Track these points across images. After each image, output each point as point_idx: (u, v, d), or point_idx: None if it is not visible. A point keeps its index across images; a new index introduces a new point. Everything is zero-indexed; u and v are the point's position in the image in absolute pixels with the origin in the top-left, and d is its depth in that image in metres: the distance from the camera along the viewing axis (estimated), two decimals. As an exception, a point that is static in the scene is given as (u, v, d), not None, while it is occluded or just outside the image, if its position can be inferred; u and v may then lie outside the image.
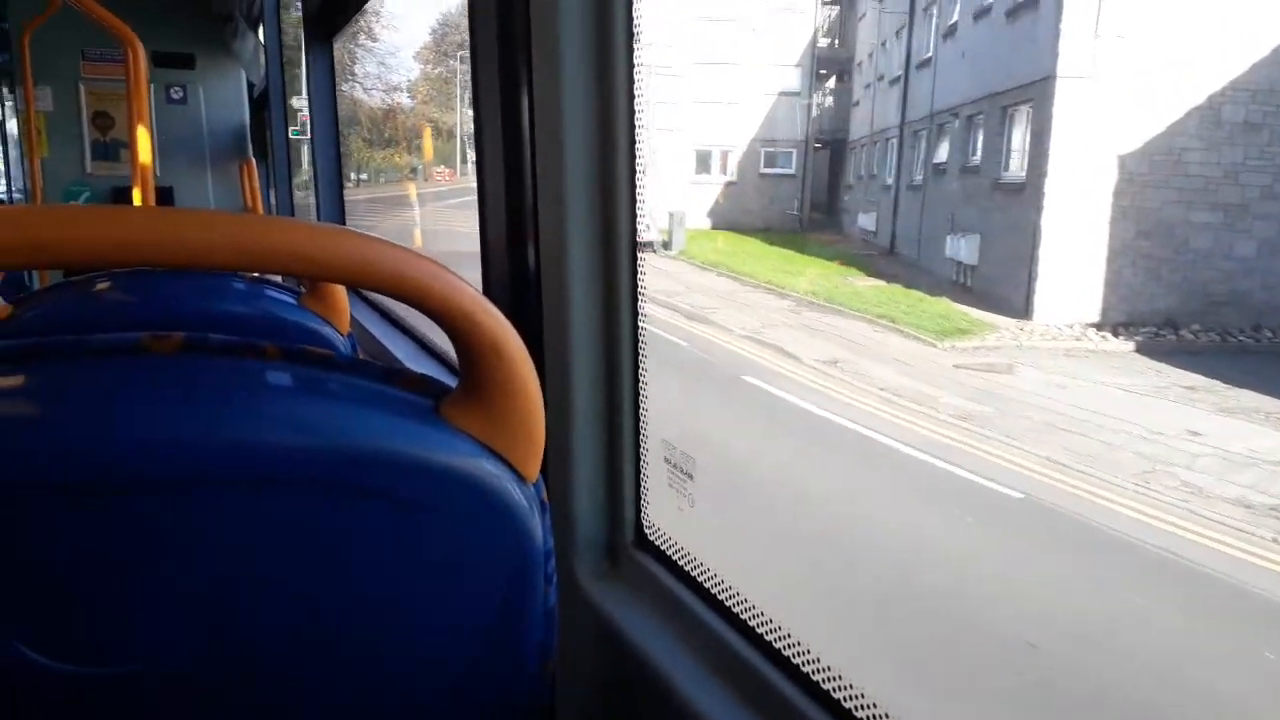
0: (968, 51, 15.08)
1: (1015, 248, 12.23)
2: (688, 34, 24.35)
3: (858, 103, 24.63)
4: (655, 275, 14.10)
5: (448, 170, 27.60)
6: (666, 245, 20.21)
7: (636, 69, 1.13)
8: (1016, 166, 12.89)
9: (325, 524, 0.66)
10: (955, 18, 15.62)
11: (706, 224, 22.99)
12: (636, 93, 1.14)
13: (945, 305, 12.85)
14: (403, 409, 0.69)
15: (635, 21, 1.12)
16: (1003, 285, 12.47)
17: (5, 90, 7.50)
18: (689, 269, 18.32)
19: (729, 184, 25.06)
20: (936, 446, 7.38)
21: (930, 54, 17.10)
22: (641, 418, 1.22)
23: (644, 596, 1.18)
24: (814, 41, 26.30)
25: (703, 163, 25.35)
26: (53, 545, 0.62)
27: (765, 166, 26.47)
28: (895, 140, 19.18)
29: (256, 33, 4.89)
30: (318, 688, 0.70)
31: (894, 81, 19.62)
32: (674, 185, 24.74)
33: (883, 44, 21.19)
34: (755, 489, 6.45)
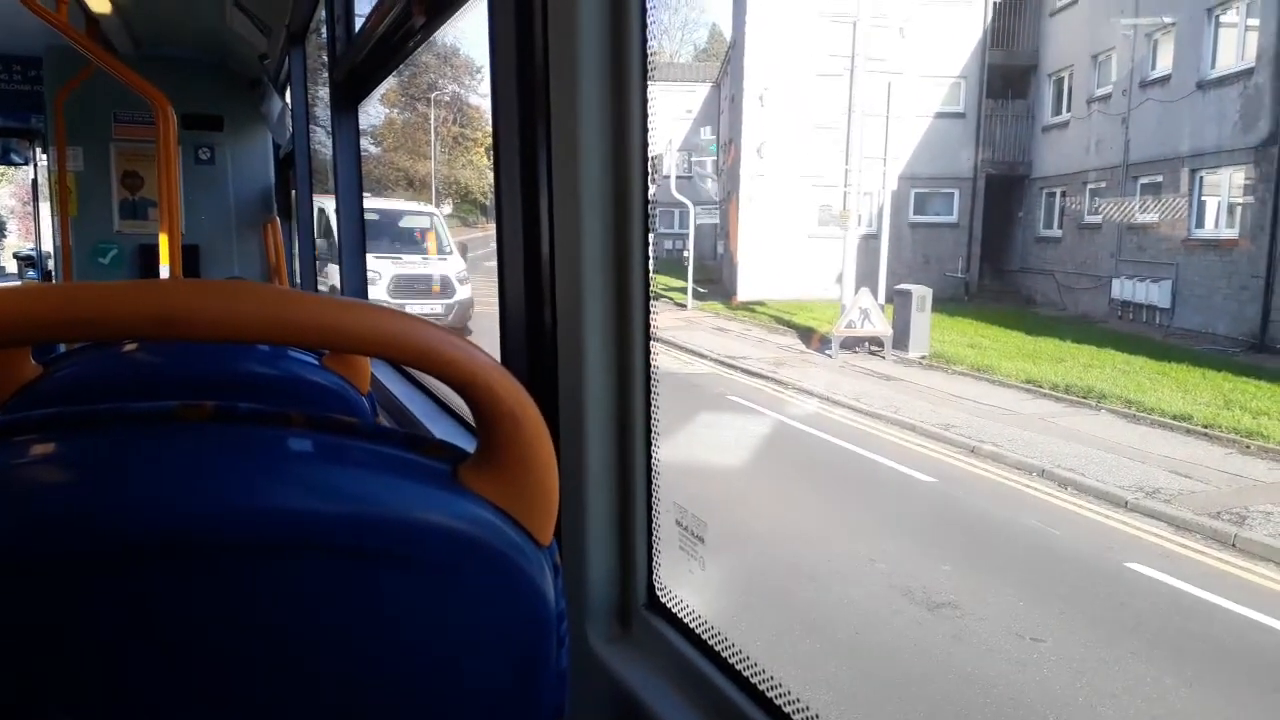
0: None
1: None
2: (805, 37, 18.91)
3: (1064, 124, 19.11)
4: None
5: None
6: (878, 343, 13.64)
7: (649, 115, 1.17)
8: None
9: (344, 589, 0.67)
10: None
11: (836, 293, 16.56)
12: (649, 137, 1.18)
13: None
14: (422, 475, 0.71)
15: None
16: None
17: (38, 151, 7.72)
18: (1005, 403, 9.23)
19: (866, 237, 17.82)
20: None
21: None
22: (654, 481, 1.24)
23: (655, 658, 1.18)
24: (985, 44, 20.11)
25: (827, 210, 18.76)
26: (83, 614, 0.63)
27: (916, 213, 20.54)
28: (1241, 170, 13.53)
29: (283, 95, 5.04)
30: None
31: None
32: (782, 242, 19.37)
33: (1149, 36, 15.84)
34: None
